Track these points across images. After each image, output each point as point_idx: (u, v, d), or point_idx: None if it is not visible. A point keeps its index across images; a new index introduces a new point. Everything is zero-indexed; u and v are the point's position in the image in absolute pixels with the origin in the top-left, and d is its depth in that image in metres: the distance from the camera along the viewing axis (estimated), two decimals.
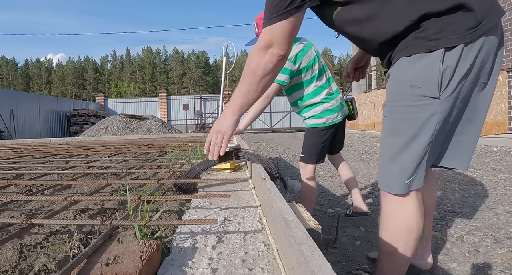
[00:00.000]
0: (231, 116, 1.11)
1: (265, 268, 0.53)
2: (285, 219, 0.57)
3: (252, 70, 1.02)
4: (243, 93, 1.07)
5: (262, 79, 1.03)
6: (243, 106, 1.09)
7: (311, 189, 2.17)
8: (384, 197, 1.06)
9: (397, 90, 0.97)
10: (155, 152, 2.52)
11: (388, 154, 1.01)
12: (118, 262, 0.48)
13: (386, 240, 1.07)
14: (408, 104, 0.93)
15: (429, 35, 0.86)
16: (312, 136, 2.16)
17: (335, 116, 2.11)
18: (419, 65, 0.89)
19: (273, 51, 0.98)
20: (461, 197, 2.79)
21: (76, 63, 55.56)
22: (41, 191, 1.18)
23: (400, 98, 0.96)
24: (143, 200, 0.85)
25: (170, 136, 5.33)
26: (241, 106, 1.09)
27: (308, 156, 2.15)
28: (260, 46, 0.99)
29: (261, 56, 1.00)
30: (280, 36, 0.96)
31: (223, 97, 5.95)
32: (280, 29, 0.95)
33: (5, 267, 0.56)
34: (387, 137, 1.03)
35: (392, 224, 1.05)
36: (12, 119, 12.53)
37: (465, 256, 1.70)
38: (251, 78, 1.03)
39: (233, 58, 17.53)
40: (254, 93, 1.07)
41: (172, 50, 57.13)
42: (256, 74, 1.02)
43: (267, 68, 1.00)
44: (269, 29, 0.96)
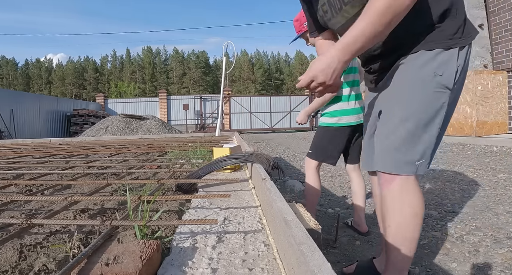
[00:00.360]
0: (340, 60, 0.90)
1: (265, 268, 0.53)
2: (285, 219, 0.57)
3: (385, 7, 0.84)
4: (368, 33, 0.87)
5: (394, 19, 0.86)
6: (360, 48, 0.90)
7: (312, 187, 2.17)
8: (387, 185, 1.06)
9: (419, 77, 1.00)
10: (155, 152, 2.52)
11: (400, 137, 1.02)
12: (118, 262, 0.48)
13: (395, 230, 1.06)
14: (432, 90, 0.99)
15: (448, 34, 0.97)
16: (321, 135, 2.14)
17: (349, 118, 2.06)
18: (440, 58, 0.98)
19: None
20: (461, 197, 2.79)
21: (76, 63, 55.56)
22: (41, 191, 1.18)
23: (421, 84, 1.00)
24: (143, 200, 0.85)
25: (170, 136, 5.33)
26: (359, 48, 0.89)
27: (313, 152, 2.15)
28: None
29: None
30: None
31: (223, 97, 5.95)
32: None
33: (5, 267, 0.56)
34: (400, 120, 1.03)
35: (398, 211, 1.05)
36: (12, 119, 12.53)
37: (465, 256, 1.70)
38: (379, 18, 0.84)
39: (233, 58, 17.54)
40: (379, 37, 0.90)
41: (172, 50, 57.17)
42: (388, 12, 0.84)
43: (405, 2, 0.84)
44: None
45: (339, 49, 0.89)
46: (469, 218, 2.27)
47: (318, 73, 0.91)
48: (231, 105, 18.88)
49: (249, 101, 19.13)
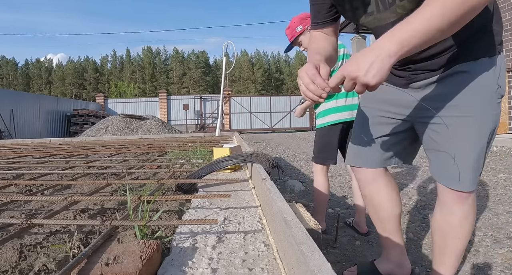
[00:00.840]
0: (392, 53, 0.69)
1: (265, 268, 0.53)
2: (285, 219, 0.57)
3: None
4: (433, 29, 0.68)
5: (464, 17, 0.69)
6: (412, 49, 0.70)
7: (319, 191, 2.17)
8: (462, 202, 1.02)
9: (490, 90, 0.94)
10: (155, 152, 2.52)
11: (475, 153, 0.97)
12: (118, 262, 0.48)
13: (464, 243, 1.07)
14: (496, 102, 0.96)
15: (499, 39, 0.93)
16: (317, 136, 2.17)
17: (340, 115, 2.08)
18: (498, 66, 0.94)
19: None
20: None
21: (76, 63, 55.57)
22: (41, 191, 1.18)
23: (491, 97, 0.94)
24: (143, 200, 0.85)
25: (170, 136, 5.34)
26: (416, 46, 0.70)
27: (314, 155, 2.18)
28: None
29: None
30: None
31: (223, 97, 5.96)
32: None
33: (5, 267, 0.56)
34: (475, 137, 0.96)
35: (470, 226, 1.06)
36: (12, 119, 12.53)
37: (465, 256, 1.70)
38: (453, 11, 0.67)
39: (233, 58, 17.55)
40: (440, 36, 0.71)
41: (172, 50, 57.17)
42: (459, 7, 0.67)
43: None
44: None
45: (393, 43, 0.68)
46: None
47: (360, 67, 0.69)
48: (231, 105, 18.88)
49: (249, 101, 19.13)
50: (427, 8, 0.69)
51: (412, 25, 0.69)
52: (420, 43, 0.70)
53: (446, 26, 0.69)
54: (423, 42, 0.70)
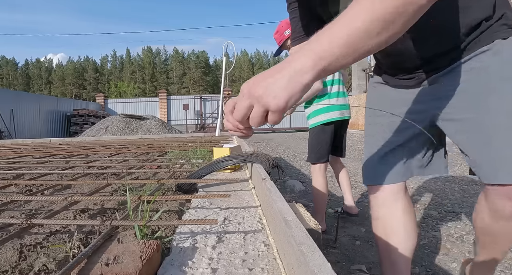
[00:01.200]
0: (305, 69, 0.52)
1: (265, 268, 0.53)
2: (285, 219, 0.57)
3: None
4: (349, 37, 0.51)
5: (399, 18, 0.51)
6: (336, 61, 0.52)
7: (318, 191, 2.23)
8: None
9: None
10: (155, 152, 2.52)
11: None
12: (118, 262, 0.48)
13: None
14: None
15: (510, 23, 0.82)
16: (311, 136, 2.24)
17: (331, 114, 2.16)
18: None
19: None
20: (461, 197, 2.79)
21: (76, 63, 55.58)
22: (41, 191, 1.18)
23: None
24: (143, 200, 0.85)
25: (170, 136, 5.34)
26: (334, 59, 0.52)
27: (309, 155, 2.24)
28: None
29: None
30: None
31: (223, 97, 5.96)
32: None
33: (5, 267, 0.56)
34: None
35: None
36: (12, 119, 12.54)
37: (465, 256, 1.70)
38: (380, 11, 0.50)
39: (233, 58, 17.55)
40: (372, 41, 0.52)
41: (172, 50, 57.18)
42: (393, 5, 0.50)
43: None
44: None
45: (309, 57, 0.52)
46: (469, 218, 2.27)
47: (265, 90, 0.52)
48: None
49: None
50: (353, 5, 0.53)
51: (331, 29, 0.53)
52: (346, 52, 0.52)
53: (378, 27, 0.51)
54: (351, 51, 0.52)
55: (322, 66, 0.52)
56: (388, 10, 0.50)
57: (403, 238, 1.03)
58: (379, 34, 0.52)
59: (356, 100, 13.95)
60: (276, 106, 0.52)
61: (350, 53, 0.52)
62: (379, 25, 0.51)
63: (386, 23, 0.51)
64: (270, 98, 0.52)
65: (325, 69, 0.53)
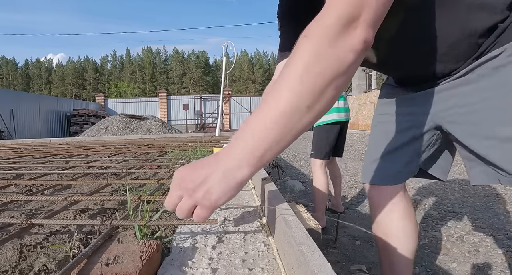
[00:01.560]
0: (241, 166, 0.50)
1: (265, 268, 0.53)
2: (285, 219, 0.57)
3: (311, 66, 0.49)
4: (279, 119, 0.49)
5: (330, 85, 0.49)
6: (272, 147, 0.50)
7: (319, 190, 2.32)
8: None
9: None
10: (155, 152, 2.52)
11: None
12: (118, 262, 0.48)
13: None
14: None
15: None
16: (317, 134, 2.34)
17: (339, 115, 2.30)
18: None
19: (360, 29, 0.50)
20: (461, 197, 2.79)
21: (76, 63, 55.59)
22: (41, 191, 1.18)
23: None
24: (143, 200, 0.85)
25: (170, 136, 5.34)
26: (268, 147, 0.50)
27: (314, 151, 2.33)
28: (335, 21, 0.49)
29: (335, 41, 0.49)
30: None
31: (223, 97, 5.96)
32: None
33: (5, 267, 0.56)
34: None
35: None
36: (12, 119, 12.54)
37: (465, 256, 1.70)
38: (308, 82, 0.49)
39: (233, 58, 17.56)
40: (306, 116, 0.50)
41: (172, 50, 57.17)
42: (320, 73, 0.49)
43: (345, 61, 0.50)
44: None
45: (232, 158, 0.50)
46: (469, 218, 2.27)
47: (183, 176, 0.52)
48: (231, 105, 18.90)
49: (249, 101, 19.15)
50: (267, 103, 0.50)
51: (258, 128, 0.49)
52: (284, 139, 0.49)
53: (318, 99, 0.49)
54: (289, 138, 0.50)
55: (259, 154, 0.49)
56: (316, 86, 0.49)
57: (403, 239, 1.01)
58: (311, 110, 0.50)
59: (356, 100, 13.95)
60: (208, 203, 0.50)
61: (283, 137, 0.50)
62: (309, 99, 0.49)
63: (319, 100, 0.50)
64: (201, 194, 0.50)
65: (263, 155, 0.50)
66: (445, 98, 0.86)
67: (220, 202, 0.50)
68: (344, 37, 0.50)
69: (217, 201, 0.50)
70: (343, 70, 0.50)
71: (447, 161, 1.01)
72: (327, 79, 0.49)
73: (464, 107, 0.82)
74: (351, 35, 0.50)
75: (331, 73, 0.49)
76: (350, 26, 0.50)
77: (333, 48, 0.49)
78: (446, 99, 0.86)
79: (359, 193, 3.09)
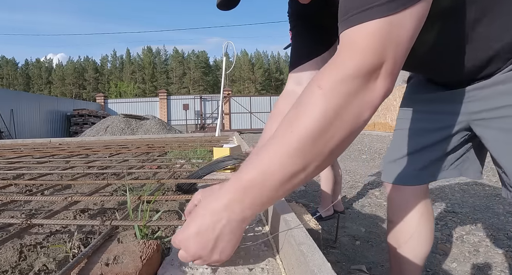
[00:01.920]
0: (242, 220, 0.49)
1: (265, 268, 0.53)
2: (285, 219, 0.57)
3: (324, 128, 0.45)
4: (285, 167, 0.46)
5: (342, 145, 0.47)
6: (273, 198, 0.49)
7: (324, 179, 2.32)
8: None
9: None
10: (155, 152, 2.52)
11: None
12: (118, 262, 0.48)
13: None
14: None
15: None
16: None
17: None
18: None
19: (381, 81, 0.45)
20: (461, 197, 2.79)
21: (76, 63, 55.59)
22: (41, 191, 1.18)
23: None
24: (143, 200, 0.85)
25: (170, 136, 5.34)
26: (271, 198, 0.49)
27: None
28: (354, 73, 0.44)
29: (355, 97, 0.45)
30: (401, 42, 0.44)
31: (223, 97, 5.96)
32: (409, 24, 0.44)
33: (5, 267, 0.56)
34: None
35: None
36: (12, 119, 12.54)
37: (465, 256, 1.70)
38: (320, 145, 0.45)
39: (233, 58, 17.59)
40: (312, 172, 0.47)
41: (172, 50, 57.17)
42: (333, 136, 0.45)
43: (361, 118, 0.46)
44: (380, 30, 0.43)
45: (234, 192, 0.49)
46: (469, 218, 2.27)
47: (189, 243, 0.49)
48: (231, 105, 18.89)
49: (249, 101, 19.14)
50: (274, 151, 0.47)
51: (257, 163, 0.48)
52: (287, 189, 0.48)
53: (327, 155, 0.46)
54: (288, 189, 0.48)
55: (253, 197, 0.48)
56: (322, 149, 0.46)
57: (416, 244, 0.97)
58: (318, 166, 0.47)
59: None
60: (224, 259, 0.51)
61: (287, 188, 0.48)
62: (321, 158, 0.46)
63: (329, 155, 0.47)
64: (216, 257, 0.50)
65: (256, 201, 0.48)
66: (477, 98, 0.79)
67: (231, 253, 0.51)
68: (364, 92, 0.44)
69: (230, 255, 0.51)
70: (357, 128, 0.47)
71: (480, 160, 0.94)
72: (340, 139, 0.46)
73: (494, 111, 0.75)
74: (370, 89, 0.45)
75: (345, 134, 0.46)
76: (371, 78, 0.44)
77: (351, 106, 0.44)
78: (478, 99, 0.78)
79: (359, 193, 3.09)
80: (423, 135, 0.92)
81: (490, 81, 0.74)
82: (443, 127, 0.88)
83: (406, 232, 0.97)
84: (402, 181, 0.96)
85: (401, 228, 0.97)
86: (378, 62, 0.43)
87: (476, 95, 0.78)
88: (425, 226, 0.96)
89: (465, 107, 0.82)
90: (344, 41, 0.46)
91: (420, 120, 0.94)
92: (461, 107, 0.83)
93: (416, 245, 0.97)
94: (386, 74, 0.45)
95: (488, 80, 0.75)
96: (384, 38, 0.43)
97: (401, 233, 0.98)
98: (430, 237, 0.98)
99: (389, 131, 10.32)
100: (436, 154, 0.91)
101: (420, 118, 0.94)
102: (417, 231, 0.96)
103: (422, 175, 0.94)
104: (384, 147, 6.66)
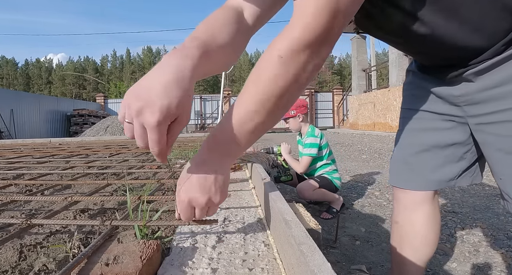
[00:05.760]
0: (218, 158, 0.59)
1: (265, 268, 0.53)
2: (285, 219, 0.57)
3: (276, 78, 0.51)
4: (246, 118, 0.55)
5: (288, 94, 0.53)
6: (240, 144, 0.57)
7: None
8: None
9: None
10: None
11: None
12: (118, 262, 0.48)
13: None
14: None
15: None
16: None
17: (337, 174, 2.65)
18: None
19: (330, 44, 0.51)
20: (461, 197, 2.79)
21: (76, 63, 55.59)
22: (41, 191, 1.18)
23: None
24: (143, 200, 0.85)
25: None
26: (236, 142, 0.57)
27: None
28: (305, 41, 0.49)
29: (311, 59, 0.51)
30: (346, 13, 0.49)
31: (223, 97, 5.97)
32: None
33: (5, 267, 0.56)
34: None
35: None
36: (12, 119, 12.54)
37: (465, 256, 1.70)
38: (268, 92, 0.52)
39: None
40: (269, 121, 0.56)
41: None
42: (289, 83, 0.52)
43: (312, 75, 0.54)
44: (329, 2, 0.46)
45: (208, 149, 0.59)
46: (469, 218, 2.27)
47: (196, 195, 0.58)
48: (231, 105, 18.88)
49: None
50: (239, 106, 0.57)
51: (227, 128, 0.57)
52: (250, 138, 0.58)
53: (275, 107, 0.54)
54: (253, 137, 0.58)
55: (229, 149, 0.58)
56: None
57: (420, 246, 0.95)
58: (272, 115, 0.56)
59: (356, 100, 13.94)
60: (224, 199, 0.62)
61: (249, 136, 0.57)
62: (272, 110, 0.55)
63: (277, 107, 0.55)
64: (218, 199, 0.60)
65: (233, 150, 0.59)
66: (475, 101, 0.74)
67: (227, 192, 0.62)
68: (316, 57, 0.52)
69: (227, 193, 0.62)
70: (307, 84, 0.55)
71: (483, 163, 0.92)
72: (296, 97, 0.57)
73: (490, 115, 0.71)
74: (321, 56, 0.52)
75: (299, 92, 0.56)
76: (321, 44, 0.51)
77: (307, 70, 0.52)
78: (476, 103, 0.74)
79: (359, 193, 3.09)
80: (429, 136, 0.88)
81: (490, 82, 0.70)
82: (451, 128, 0.84)
83: (411, 234, 0.95)
84: (405, 185, 0.93)
85: (407, 230, 0.95)
86: (326, 30, 0.49)
87: (475, 98, 0.74)
88: (431, 229, 0.94)
89: (461, 109, 0.80)
90: (296, 9, 0.51)
91: (422, 120, 0.89)
92: (459, 110, 0.80)
93: (420, 248, 0.95)
94: (332, 40, 0.51)
95: (488, 82, 0.70)
96: (330, 4, 0.47)
97: (406, 234, 0.96)
98: (435, 241, 0.96)
99: (389, 131, 10.31)
100: (442, 158, 0.87)
101: (422, 118, 0.89)
102: (422, 234, 0.94)
103: (425, 181, 0.90)
104: (384, 147, 6.66)
